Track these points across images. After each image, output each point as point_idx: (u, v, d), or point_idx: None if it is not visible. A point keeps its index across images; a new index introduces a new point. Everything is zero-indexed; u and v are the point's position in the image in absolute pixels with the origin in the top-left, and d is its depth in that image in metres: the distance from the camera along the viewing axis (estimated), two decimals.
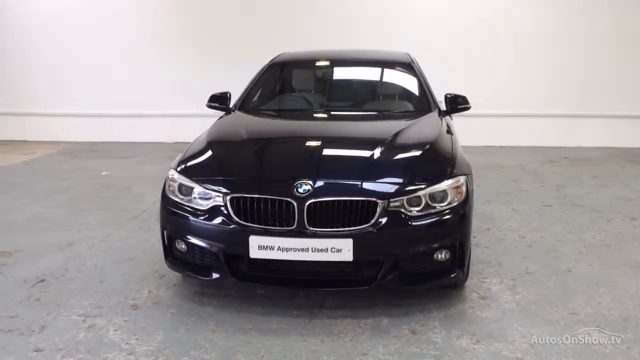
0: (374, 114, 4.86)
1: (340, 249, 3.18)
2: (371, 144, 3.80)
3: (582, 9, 9.23)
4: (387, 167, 3.58)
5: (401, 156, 3.72)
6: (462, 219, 3.39)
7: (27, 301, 3.63)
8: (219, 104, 4.88)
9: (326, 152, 3.88)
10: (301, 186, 3.24)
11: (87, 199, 6.12)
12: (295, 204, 3.19)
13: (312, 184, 3.26)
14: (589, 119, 9.46)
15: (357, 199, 3.23)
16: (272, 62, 5.37)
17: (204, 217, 3.37)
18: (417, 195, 3.30)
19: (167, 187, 3.62)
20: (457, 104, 4.76)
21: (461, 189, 3.43)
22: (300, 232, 3.19)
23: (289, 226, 3.20)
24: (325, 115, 4.90)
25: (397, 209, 3.25)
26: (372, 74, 5.51)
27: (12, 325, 3.31)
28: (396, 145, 3.81)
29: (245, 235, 3.23)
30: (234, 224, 3.28)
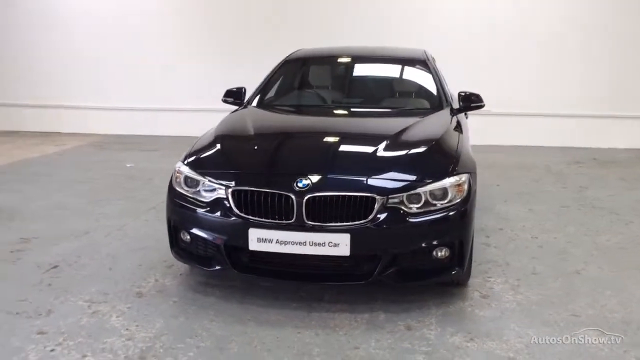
0: (384, 110, 4.85)
1: (337, 244, 3.20)
2: (374, 141, 3.80)
3: (611, 8, 9.02)
4: (388, 163, 3.58)
5: (403, 153, 3.72)
6: (463, 217, 3.38)
7: (39, 286, 3.76)
8: (234, 99, 4.97)
9: (328, 147, 3.90)
10: (301, 181, 3.28)
11: (108, 190, 6.29)
12: (294, 198, 3.23)
13: (312, 178, 3.30)
14: (619, 120, 9.26)
15: (356, 194, 3.25)
16: (288, 58, 5.42)
17: (207, 209, 3.44)
18: (417, 192, 3.30)
19: (173, 179, 3.72)
20: (471, 102, 4.70)
21: (463, 187, 3.42)
22: (298, 226, 3.23)
23: (288, 220, 3.25)
24: (334, 111, 4.93)
25: (396, 205, 3.26)
26: (385, 71, 5.50)
27: (21, 308, 3.44)
28: (399, 142, 3.82)
29: (245, 227, 3.29)
30: (235, 216, 3.34)
